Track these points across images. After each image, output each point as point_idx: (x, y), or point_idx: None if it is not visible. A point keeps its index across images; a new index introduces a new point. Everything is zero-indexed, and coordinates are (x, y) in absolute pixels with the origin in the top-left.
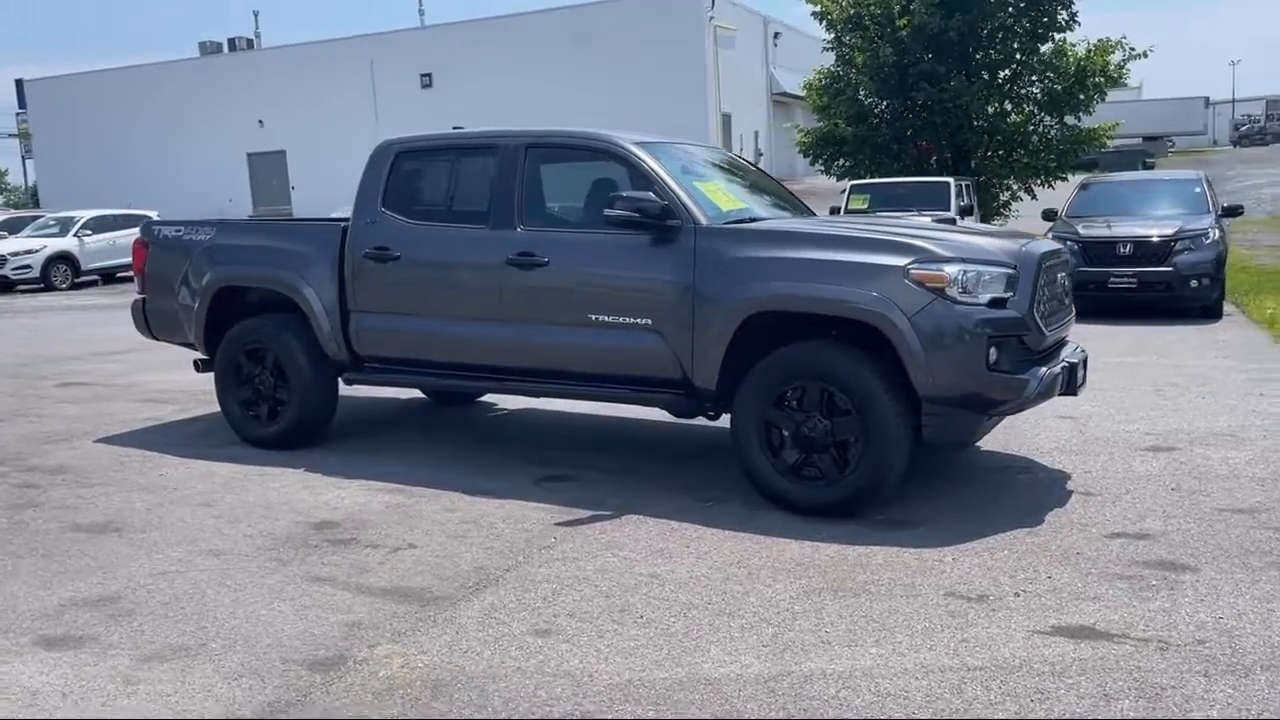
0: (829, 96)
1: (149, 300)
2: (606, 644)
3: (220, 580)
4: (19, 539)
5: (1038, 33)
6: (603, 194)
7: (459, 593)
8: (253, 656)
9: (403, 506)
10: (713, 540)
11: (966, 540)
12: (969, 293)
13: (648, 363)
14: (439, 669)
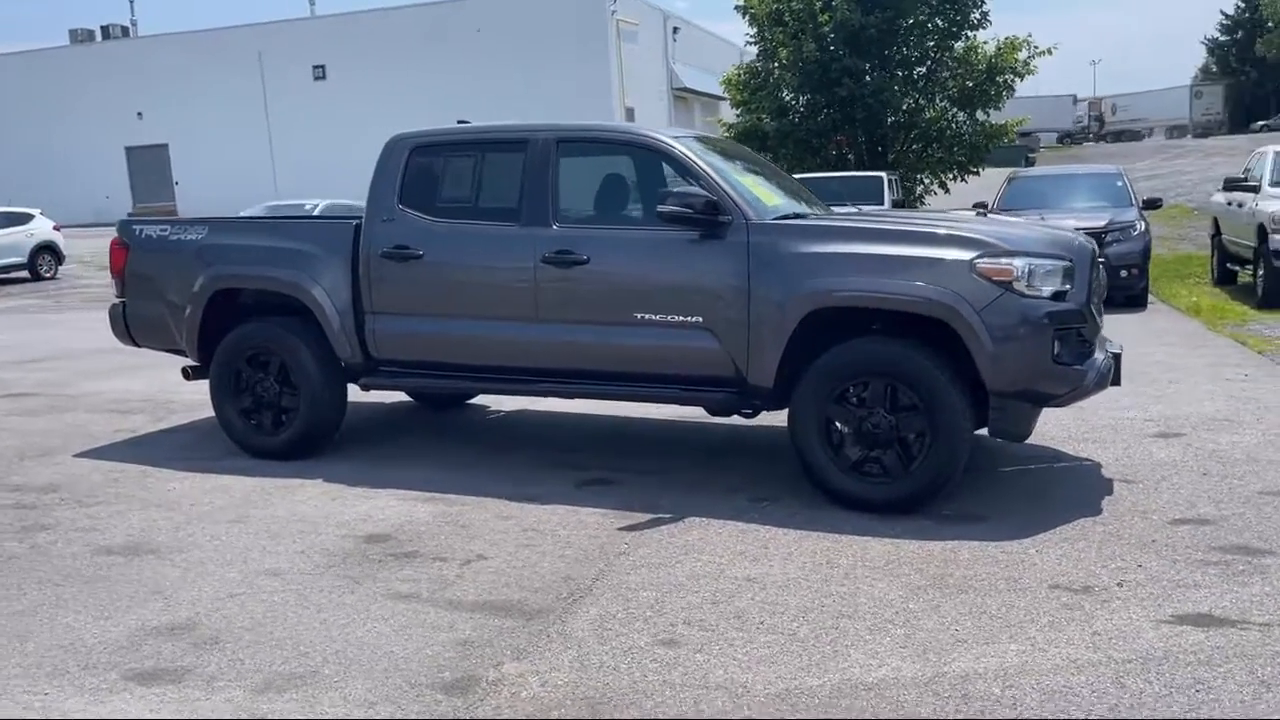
0: (749, 92)
1: (130, 304)
2: (741, 653)
3: (297, 602)
4: (47, 565)
5: (952, 30)
6: (641, 190)
7: (556, 604)
8: (375, 682)
9: (450, 516)
10: (789, 541)
11: (1038, 532)
12: (1033, 286)
13: (698, 361)
14: (583, 686)
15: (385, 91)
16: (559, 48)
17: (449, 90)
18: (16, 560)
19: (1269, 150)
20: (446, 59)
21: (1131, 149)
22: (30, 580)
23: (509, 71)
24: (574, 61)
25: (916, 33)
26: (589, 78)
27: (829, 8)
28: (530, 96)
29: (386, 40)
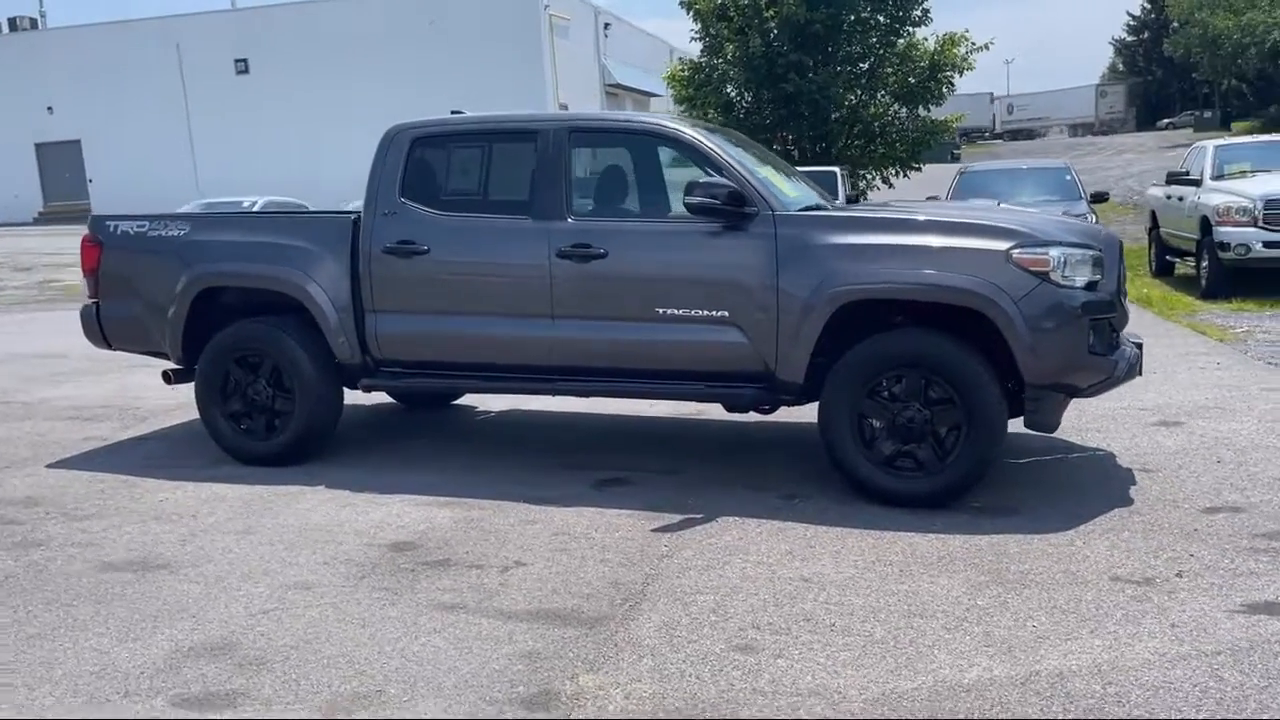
0: (693, 88)
1: (104, 305)
2: (823, 656)
3: (336, 617)
4: (51, 584)
5: (894, 27)
6: (659, 182)
7: (614, 611)
8: (448, 700)
9: (473, 521)
10: (832, 538)
11: (1078, 523)
12: (1068, 276)
13: (724, 357)
14: (669, 697)
15: (312, 86)
16: (492, 42)
17: (379, 85)
18: (15, 580)
19: (1208, 146)
20: (375, 53)
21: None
22: (36, 601)
23: (441, 66)
24: (508, 56)
25: (860, 29)
26: (523, 73)
27: (775, 3)
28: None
29: (312, 34)
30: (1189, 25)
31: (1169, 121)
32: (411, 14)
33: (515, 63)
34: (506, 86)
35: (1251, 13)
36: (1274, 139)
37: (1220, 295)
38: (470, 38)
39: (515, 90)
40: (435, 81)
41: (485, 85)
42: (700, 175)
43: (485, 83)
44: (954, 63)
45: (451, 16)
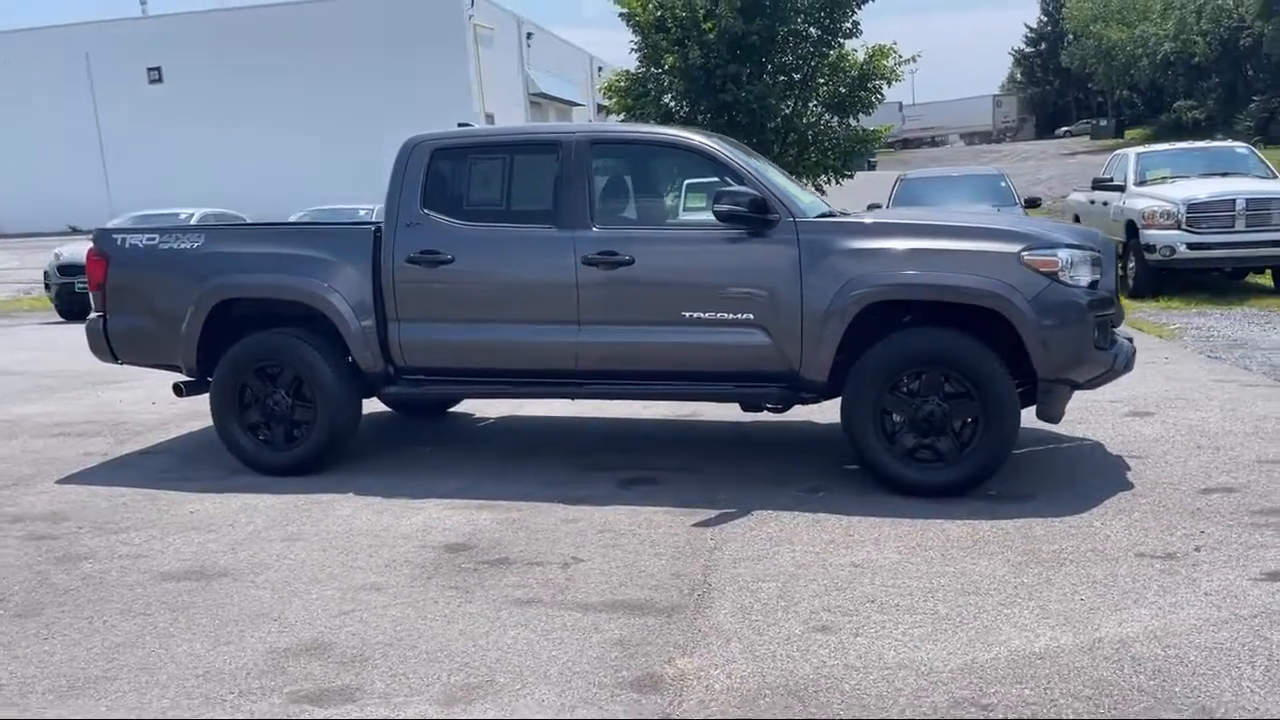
0: (632, 98)
1: (112, 319)
2: (899, 633)
3: (418, 615)
4: (117, 595)
5: (825, 39)
6: (681, 190)
7: (684, 601)
8: (559, 687)
9: (514, 521)
10: (867, 527)
11: (1090, 506)
12: (1073, 276)
13: (749, 358)
14: (769, 675)
15: (230, 95)
16: (417, 52)
17: (300, 94)
18: (78, 592)
19: (1129, 154)
20: (296, 62)
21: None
22: (109, 611)
23: (364, 75)
24: (433, 66)
25: (794, 40)
26: (449, 82)
27: (714, 15)
28: (388, 101)
29: (229, 42)
30: (1085, 37)
31: (1067, 129)
32: (335, 21)
33: (440, 72)
34: (432, 95)
35: (1143, 25)
36: (1190, 146)
37: (1147, 294)
38: (395, 46)
39: (441, 98)
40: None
41: (410, 94)
42: (720, 185)
43: (410, 91)
44: (882, 73)
45: (375, 25)
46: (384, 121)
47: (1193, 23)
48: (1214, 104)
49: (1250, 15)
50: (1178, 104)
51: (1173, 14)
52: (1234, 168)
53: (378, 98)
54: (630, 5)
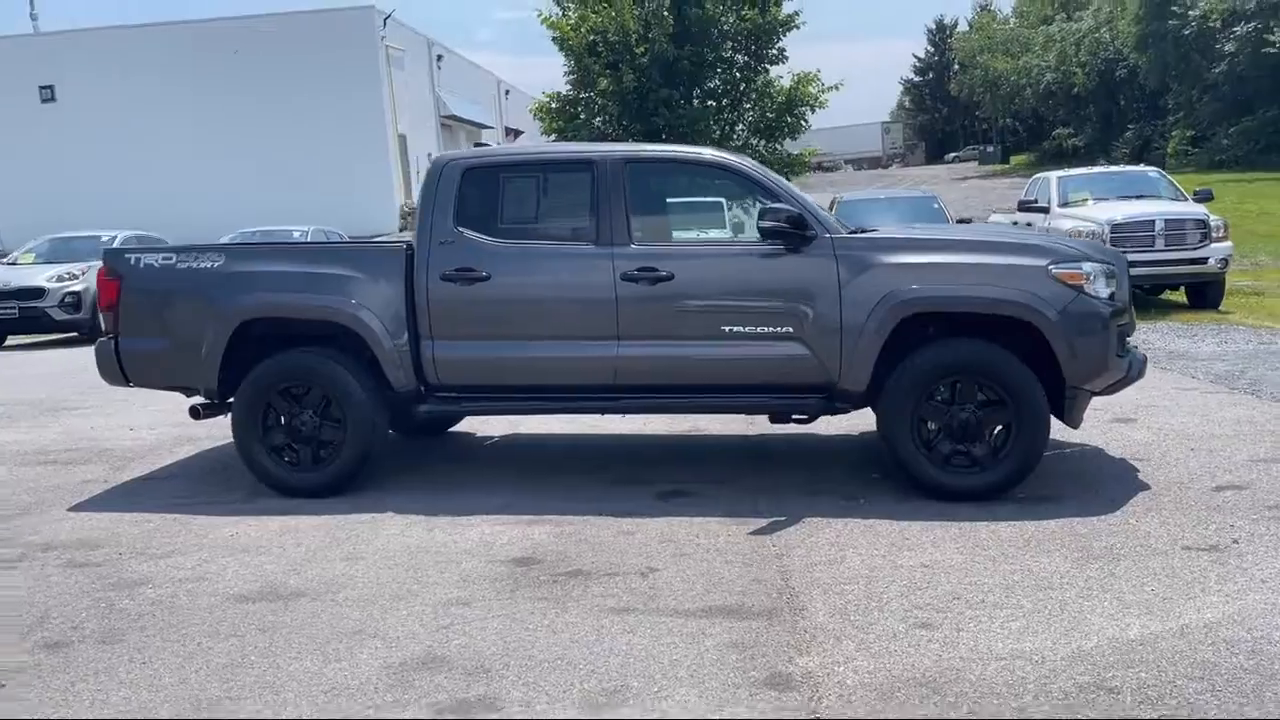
0: (564, 120)
1: (124, 341)
2: (998, 627)
3: (519, 626)
4: (196, 618)
5: (752, 65)
6: (717, 208)
7: (778, 604)
8: (698, 688)
9: (571, 535)
10: (919, 531)
11: (1117, 506)
12: (1095, 288)
13: (788, 370)
14: (895, 668)
15: (130, 115)
16: (329, 73)
17: (206, 114)
18: (151, 617)
19: (1051, 177)
20: (201, 81)
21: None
22: (196, 634)
23: (276, 95)
24: (346, 87)
25: (723, 66)
26: (362, 104)
27: (646, 40)
28: (302, 121)
29: (127, 60)
30: (972, 67)
31: (955, 155)
32: (243, 40)
33: (354, 93)
34: (347, 116)
35: (1027, 56)
36: (1107, 171)
37: None
38: (308, 67)
39: (355, 120)
40: (272, 110)
41: (326, 114)
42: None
43: (326, 112)
44: (806, 100)
45: (286, 44)
46: (299, 141)
47: (1073, 55)
48: (1092, 131)
49: (1127, 49)
50: (1057, 131)
51: (1054, 46)
52: (1148, 190)
53: (292, 118)
54: (562, 29)
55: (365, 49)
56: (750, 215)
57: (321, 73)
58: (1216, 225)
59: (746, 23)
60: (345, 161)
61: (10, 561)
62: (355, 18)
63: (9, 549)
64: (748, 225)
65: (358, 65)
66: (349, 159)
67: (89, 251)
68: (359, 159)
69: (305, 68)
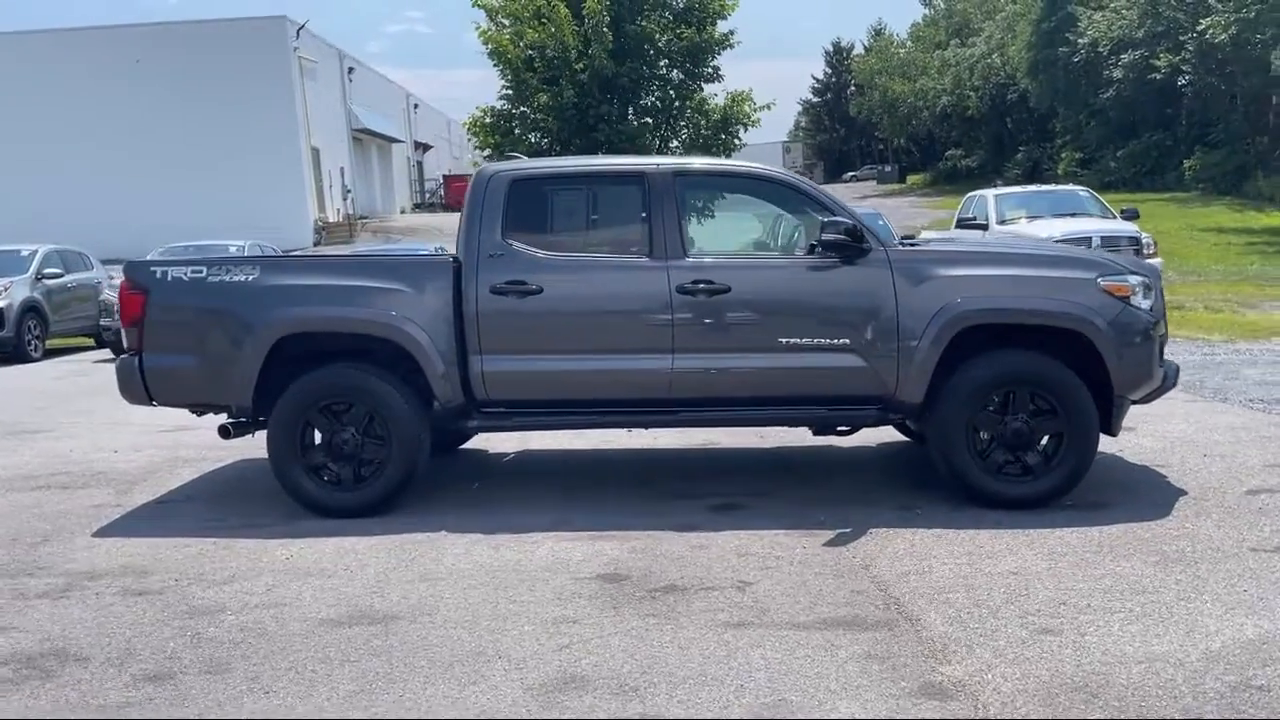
0: (500, 134)
1: (149, 358)
2: (1117, 630)
3: (639, 643)
4: (294, 645)
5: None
6: (769, 220)
7: (889, 615)
8: (854, 700)
9: (644, 550)
10: (989, 540)
11: (1165, 512)
12: (1138, 300)
13: (845, 382)
14: (1040, 675)
15: (26, 124)
16: (240, 84)
17: (109, 126)
18: (247, 645)
19: (988, 195)
20: (104, 92)
21: None
22: (307, 660)
23: (183, 107)
24: (258, 99)
25: (659, 83)
26: (275, 116)
27: (585, 56)
28: (211, 134)
29: (23, 66)
30: (871, 89)
31: (853, 174)
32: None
33: (267, 104)
34: (261, 128)
35: (923, 79)
36: (1039, 190)
37: None
38: (215, 78)
39: (268, 132)
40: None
41: (235, 127)
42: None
43: (235, 125)
44: (740, 119)
45: (198, 53)
46: (210, 154)
47: (967, 79)
48: (983, 153)
49: (1019, 74)
50: (950, 152)
51: (949, 70)
52: (1079, 209)
53: (202, 129)
54: (500, 43)
55: (278, 59)
56: (798, 227)
57: (233, 84)
58: (1147, 242)
59: (684, 40)
60: (258, 175)
61: (60, 590)
62: (267, 27)
63: (51, 577)
64: (797, 238)
65: (270, 76)
66: (262, 172)
67: (11, 266)
68: (272, 172)
69: (216, 78)
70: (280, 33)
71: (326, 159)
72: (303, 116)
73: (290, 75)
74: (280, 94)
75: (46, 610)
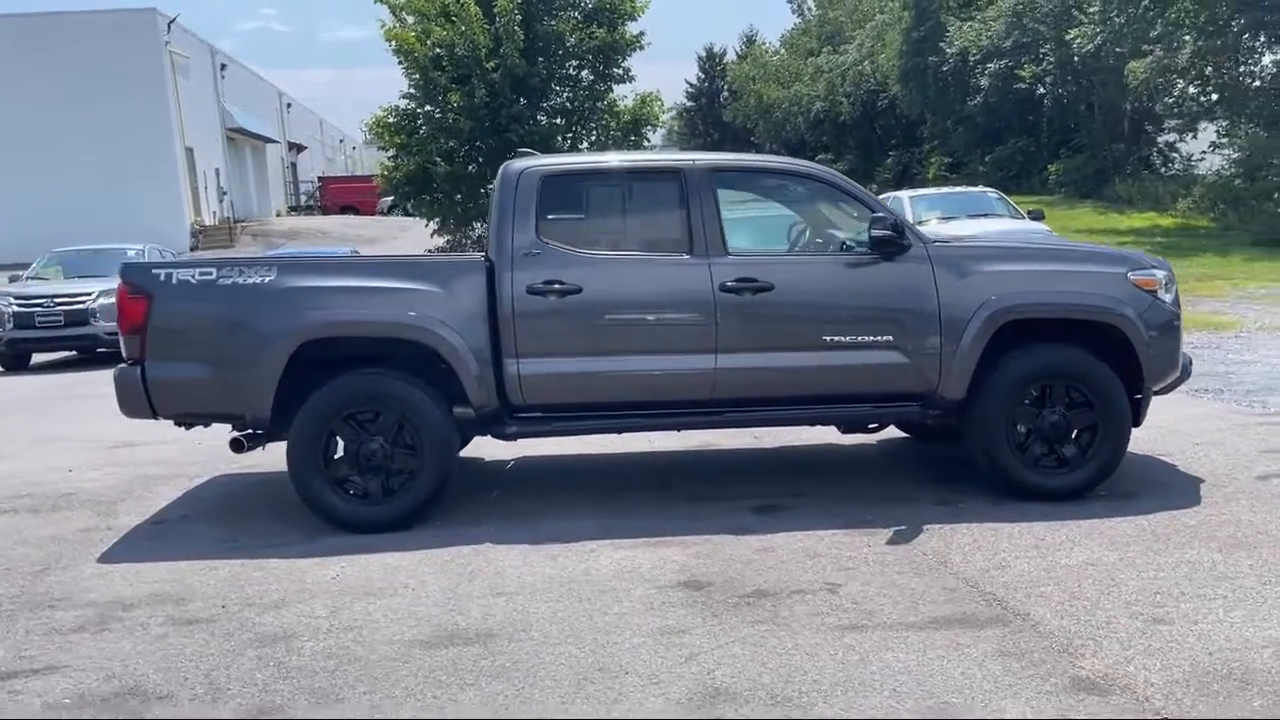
0: (406, 134)
1: (153, 367)
2: (1222, 616)
3: (767, 653)
4: (396, 670)
5: (597, 85)
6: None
7: (995, 611)
8: (1015, 700)
9: (709, 555)
10: (1050, 531)
11: (1194, 500)
12: (1163, 294)
13: (889, 378)
14: (1182, 663)
15: None
16: (110, 80)
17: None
18: (342, 674)
19: (904, 196)
20: None
21: None
22: (417, 686)
23: (50, 102)
24: (129, 95)
25: (570, 83)
26: (147, 114)
27: (496, 55)
28: (80, 132)
29: None
30: (746, 95)
31: None
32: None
33: (138, 101)
34: (131, 127)
35: (797, 85)
36: (952, 192)
37: None
38: (81, 73)
39: (140, 131)
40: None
41: (107, 125)
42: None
43: (107, 123)
44: (649, 120)
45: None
46: (78, 153)
47: (839, 85)
48: (853, 157)
49: (891, 82)
50: (821, 156)
51: (822, 77)
52: (989, 210)
53: (70, 127)
54: (408, 40)
55: (149, 55)
56: (833, 224)
57: (101, 80)
58: None
59: (596, 40)
60: (131, 175)
61: (96, 623)
62: (137, 20)
63: (76, 609)
64: (832, 234)
65: (141, 72)
66: (135, 173)
67: None
68: (145, 173)
69: (82, 74)
70: (151, 26)
71: (201, 159)
72: (176, 115)
73: (163, 71)
74: (152, 91)
75: (92, 645)
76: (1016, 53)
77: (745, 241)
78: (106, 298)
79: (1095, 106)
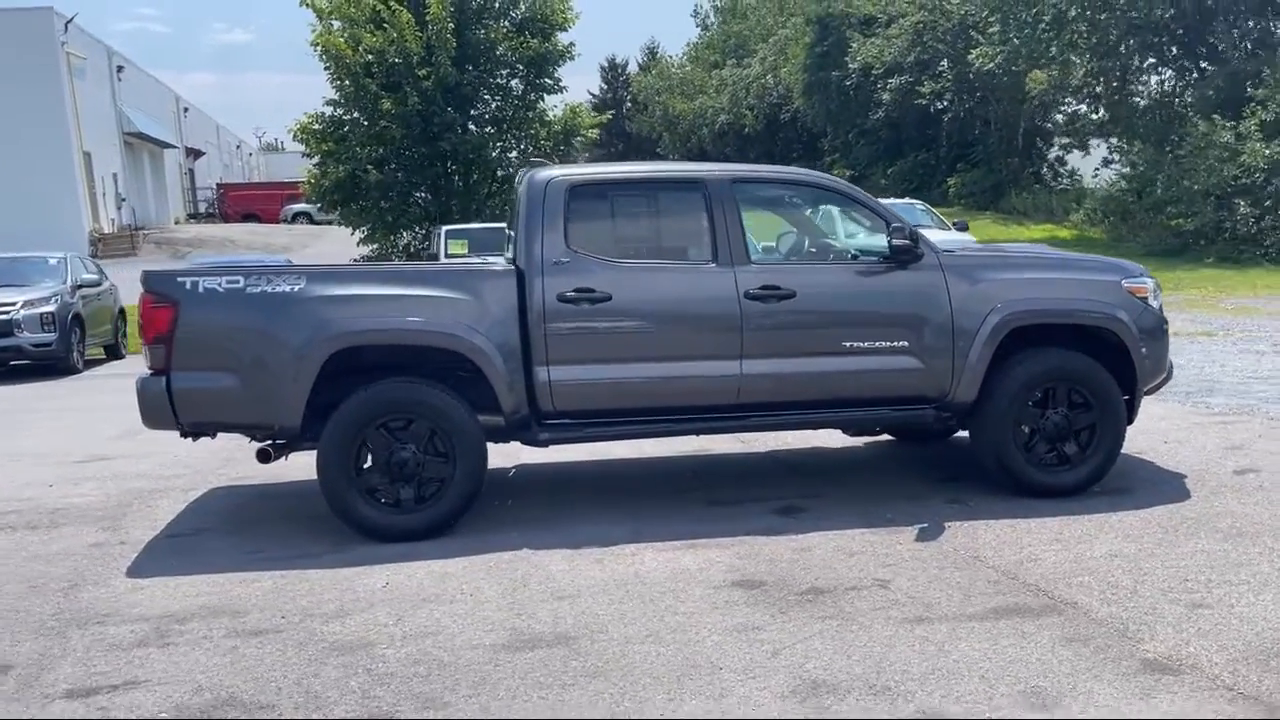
0: (333, 141)
1: (179, 377)
2: (1254, 599)
3: (849, 648)
4: (491, 676)
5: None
6: (825, 226)
7: (1043, 601)
8: (1094, 681)
9: (749, 555)
10: (1065, 526)
11: (1185, 494)
12: (1153, 300)
13: (904, 383)
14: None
15: None
16: (3, 81)
17: None
18: (435, 679)
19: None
20: None
21: None
22: (517, 689)
23: None
24: (23, 96)
25: (500, 92)
26: (42, 116)
27: (428, 63)
28: None
29: None
30: (652, 106)
31: None
32: None
33: (32, 103)
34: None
35: (702, 98)
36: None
37: None
38: None
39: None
40: None
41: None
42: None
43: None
44: (581, 130)
45: None
46: None
47: (743, 98)
48: None
49: (794, 95)
50: None
51: (726, 90)
52: (917, 222)
53: None
54: (338, 45)
55: (45, 55)
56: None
57: None
58: None
59: (529, 50)
60: (25, 180)
61: (157, 638)
62: (32, 19)
63: (128, 624)
64: (850, 242)
65: (36, 74)
66: (29, 177)
67: None
68: (41, 178)
69: None
70: (47, 26)
71: (98, 164)
72: (73, 118)
73: (59, 73)
74: (48, 93)
75: (164, 659)
76: (917, 69)
77: (772, 250)
78: (30, 308)
79: (992, 122)
